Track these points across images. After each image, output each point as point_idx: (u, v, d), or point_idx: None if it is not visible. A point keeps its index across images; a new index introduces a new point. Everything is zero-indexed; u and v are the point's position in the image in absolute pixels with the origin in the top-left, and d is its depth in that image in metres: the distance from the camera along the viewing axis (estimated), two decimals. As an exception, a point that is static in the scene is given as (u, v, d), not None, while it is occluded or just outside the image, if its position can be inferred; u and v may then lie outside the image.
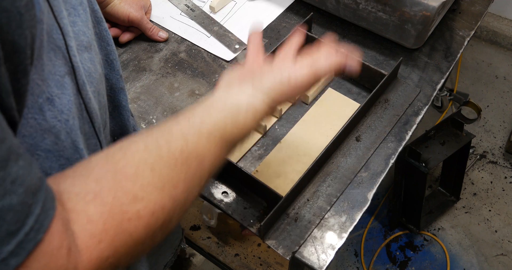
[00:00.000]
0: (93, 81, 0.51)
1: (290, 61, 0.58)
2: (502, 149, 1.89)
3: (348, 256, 1.66)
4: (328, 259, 0.70)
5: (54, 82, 0.43)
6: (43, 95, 0.42)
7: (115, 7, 0.91)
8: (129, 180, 0.40)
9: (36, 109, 0.42)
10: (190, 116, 0.50)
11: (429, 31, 0.92)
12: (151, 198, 0.41)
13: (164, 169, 0.43)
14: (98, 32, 0.57)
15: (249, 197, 0.75)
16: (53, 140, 0.45)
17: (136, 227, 0.39)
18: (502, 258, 1.65)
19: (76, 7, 0.48)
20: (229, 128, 0.51)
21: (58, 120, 0.44)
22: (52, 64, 0.43)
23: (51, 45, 0.43)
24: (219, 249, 1.40)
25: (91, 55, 0.51)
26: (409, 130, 0.84)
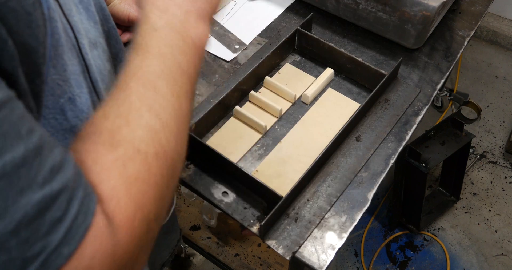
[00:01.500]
0: (104, 78, 0.51)
1: None
2: (502, 149, 1.89)
3: (348, 256, 1.66)
4: (328, 259, 0.70)
5: (75, 82, 0.43)
6: (64, 96, 0.42)
7: (115, 7, 0.90)
8: (95, 134, 0.38)
9: (58, 109, 0.41)
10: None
11: (429, 31, 0.92)
12: (125, 138, 0.37)
13: (115, 108, 0.40)
14: (107, 29, 0.56)
15: (249, 197, 0.75)
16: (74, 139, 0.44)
17: (134, 168, 0.36)
18: (502, 258, 1.65)
19: (77, 5, 0.48)
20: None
21: (79, 119, 0.44)
22: (71, 64, 0.43)
23: (68, 44, 0.43)
24: (219, 249, 1.40)
25: (98, 52, 0.51)
26: (409, 130, 0.84)
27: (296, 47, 0.95)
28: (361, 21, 0.95)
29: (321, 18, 1.01)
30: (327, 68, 0.91)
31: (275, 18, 1.01)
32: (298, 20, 1.01)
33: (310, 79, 0.90)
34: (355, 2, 0.92)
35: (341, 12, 0.96)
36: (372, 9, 0.90)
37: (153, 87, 0.41)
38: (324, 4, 0.97)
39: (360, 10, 0.92)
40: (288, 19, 1.01)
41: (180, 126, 0.41)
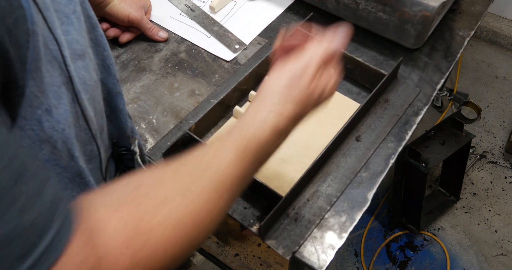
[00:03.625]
0: (88, 88, 0.52)
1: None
2: (502, 149, 1.89)
3: (348, 256, 1.66)
4: (328, 259, 0.70)
5: (52, 93, 0.44)
6: (42, 107, 0.42)
7: (115, 7, 0.90)
8: (150, 192, 0.41)
9: (35, 120, 0.42)
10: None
11: (429, 31, 0.92)
12: (172, 210, 0.41)
13: (184, 182, 0.44)
14: (94, 38, 0.57)
15: (249, 197, 0.75)
16: (50, 150, 0.45)
17: (159, 239, 0.39)
18: (502, 258, 1.65)
19: (69, 15, 0.48)
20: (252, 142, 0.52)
21: (55, 130, 0.45)
22: (50, 76, 0.43)
23: (48, 56, 0.43)
24: (219, 249, 1.40)
25: (85, 63, 0.51)
26: (409, 130, 0.84)
27: (296, 47, 0.95)
28: (361, 21, 0.95)
29: (321, 18, 1.01)
30: (327, 68, 0.91)
31: (275, 18, 1.01)
32: (298, 20, 1.01)
33: (310, 79, 0.90)
34: (355, 2, 0.92)
35: (341, 12, 0.96)
36: (372, 9, 0.90)
37: (224, 187, 0.46)
38: (324, 4, 0.97)
39: (360, 10, 0.92)
40: (288, 19, 1.01)
41: (219, 220, 0.46)
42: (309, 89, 0.57)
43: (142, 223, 0.39)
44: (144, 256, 0.38)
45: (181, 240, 0.41)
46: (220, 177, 0.46)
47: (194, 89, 0.90)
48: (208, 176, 0.46)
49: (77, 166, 0.51)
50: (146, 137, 0.83)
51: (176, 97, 0.89)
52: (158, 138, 0.82)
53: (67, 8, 0.48)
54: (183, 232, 0.41)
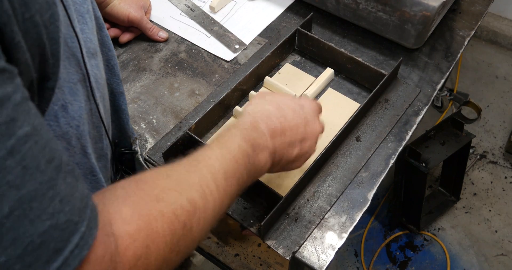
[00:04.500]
0: (99, 86, 0.53)
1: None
2: (502, 149, 1.89)
3: (348, 256, 1.66)
4: (328, 259, 0.70)
5: (68, 89, 0.45)
6: (58, 102, 0.43)
7: (115, 7, 0.90)
8: (148, 185, 0.44)
9: (52, 116, 0.43)
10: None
11: (429, 31, 0.92)
12: (170, 199, 0.43)
13: (179, 175, 0.47)
14: (100, 38, 0.58)
15: (249, 197, 0.75)
16: (65, 146, 0.47)
17: (162, 225, 0.41)
18: (502, 258, 1.65)
19: (84, 15, 0.49)
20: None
21: (70, 126, 0.46)
22: (66, 72, 0.44)
23: (66, 53, 0.44)
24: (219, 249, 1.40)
25: (97, 61, 0.52)
26: (409, 130, 0.84)
27: (296, 47, 0.95)
28: (361, 21, 0.95)
29: (321, 18, 1.01)
30: (327, 68, 0.91)
31: (275, 18, 1.01)
32: (298, 20, 1.01)
33: (310, 79, 0.90)
34: (355, 2, 0.92)
35: (341, 12, 0.96)
36: (372, 9, 0.90)
37: (214, 177, 0.49)
38: (324, 4, 0.97)
39: (360, 10, 0.92)
40: (288, 19, 1.01)
41: (214, 216, 0.48)
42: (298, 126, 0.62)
43: (147, 211, 0.41)
44: (153, 240, 0.40)
45: (181, 225, 0.43)
46: (210, 171, 0.49)
47: (194, 89, 0.90)
48: (199, 170, 0.48)
49: (89, 163, 0.52)
50: (146, 137, 0.83)
51: (176, 97, 0.89)
52: (158, 138, 0.82)
53: (82, 8, 0.49)
54: (183, 217, 0.43)
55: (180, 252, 0.44)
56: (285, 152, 0.60)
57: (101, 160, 0.58)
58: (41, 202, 0.31)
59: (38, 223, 0.31)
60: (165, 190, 0.44)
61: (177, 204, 0.43)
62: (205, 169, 0.49)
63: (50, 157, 0.32)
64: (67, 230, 0.33)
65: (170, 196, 0.43)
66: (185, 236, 0.43)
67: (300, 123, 0.62)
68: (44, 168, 0.32)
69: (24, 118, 0.31)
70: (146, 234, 0.40)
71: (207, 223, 0.47)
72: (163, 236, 0.41)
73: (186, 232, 0.44)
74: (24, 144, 0.30)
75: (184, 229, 0.43)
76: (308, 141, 0.63)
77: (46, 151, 0.32)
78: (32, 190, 0.31)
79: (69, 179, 0.34)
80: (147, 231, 0.40)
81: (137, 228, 0.39)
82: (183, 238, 0.43)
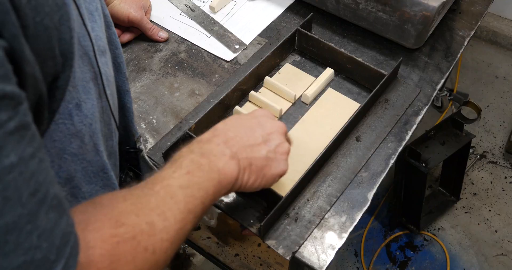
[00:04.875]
0: (109, 84, 0.53)
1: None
2: (502, 149, 1.89)
3: (348, 256, 1.66)
4: (328, 259, 0.70)
5: (82, 88, 0.45)
6: (73, 101, 0.44)
7: (115, 7, 0.91)
8: (107, 208, 0.43)
9: (66, 114, 0.43)
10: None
11: (429, 31, 0.92)
12: (130, 223, 0.42)
13: (136, 198, 0.45)
14: (108, 36, 0.58)
15: (249, 197, 0.75)
16: (78, 144, 0.47)
17: (124, 250, 0.40)
18: (502, 258, 1.65)
19: (93, 13, 0.49)
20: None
21: (83, 124, 0.46)
22: (80, 71, 0.45)
23: (80, 52, 0.44)
24: (219, 249, 1.40)
25: (106, 59, 0.53)
26: (409, 130, 0.84)
27: (296, 47, 0.95)
28: (361, 21, 0.95)
29: (321, 18, 1.01)
30: (327, 68, 0.91)
31: (275, 18, 1.01)
32: (298, 20, 1.01)
33: (310, 79, 0.90)
34: (355, 2, 0.92)
35: (341, 12, 0.96)
36: (372, 9, 0.90)
37: (172, 196, 0.48)
38: (324, 4, 0.97)
39: (360, 10, 0.92)
40: (288, 19, 1.01)
41: (177, 236, 0.47)
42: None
43: (109, 237, 0.40)
44: (117, 268, 0.40)
45: (143, 250, 0.42)
46: (167, 191, 0.48)
47: (194, 89, 0.90)
48: (156, 192, 0.48)
49: (101, 160, 0.52)
50: (146, 137, 0.83)
51: (176, 97, 0.89)
52: (158, 138, 0.82)
53: (91, 6, 0.49)
54: (144, 241, 0.43)
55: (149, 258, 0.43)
56: (251, 155, 0.59)
57: (112, 158, 0.58)
58: (18, 235, 0.30)
59: (12, 258, 0.30)
60: (124, 213, 0.43)
61: (137, 228, 0.42)
62: (162, 190, 0.48)
63: (34, 189, 0.31)
64: (42, 267, 0.31)
65: (129, 220, 0.42)
66: (148, 260, 0.42)
67: (254, 125, 0.62)
68: (25, 201, 0.31)
69: (12, 147, 0.30)
70: (110, 261, 0.39)
71: (171, 243, 0.45)
72: (125, 262, 0.40)
73: (149, 255, 0.43)
74: (7, 174, 0.29)
75: (146, 253, 0.42)
76: (273, 140, 0.62)
77: (30, 183, 0.31)
78: (10, 222, 0.30)
79: (51, 214, 0.33)
80: (110, 258, 0.39)
81: (100, 254, 0.38)
82: (146, 263, 0.42)
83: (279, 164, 0.63)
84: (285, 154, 0.64)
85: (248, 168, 0.58)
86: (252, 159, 0.59)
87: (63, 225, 0.34)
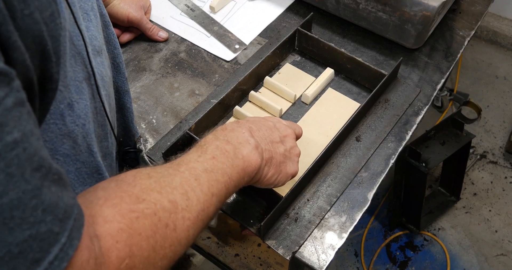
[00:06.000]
0: (105, 84, 0.53)
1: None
2: (502, 149, 1.89)
3: (348, 256, 1.66)
4: (328, 259, 0.70)
5: (74, 88, 0.45)
6: (64, 101, 0.43)
7: (115, 7, 0.91)
8: (129, 185, 0.43)
9: (58, 114, 0.43)
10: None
11: (429, 31, 0.92)
12: (151, 199, 0.42)
13: (160, 177, 0.46)
14: (106, 36, 0.58)
15: (249, 197, 0.75)
16: (71, 144, 0.46)
17: (143, 225, 0.41)
18: (502, 258, 1.65)
19: (88, 12, 0.49)
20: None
21: (76, 124, 0.46)
22: (72, 70, 0.44)
23: (72, 51, 0.44)
24: (219, 249, 1.40)
25: (102, 59, 0.52)
26: (409, 130, 0.84)
27: (296, 47, 0.95)
28: (361, 21, 0.95)
29: (321, 18, 1.01)
30: (327, 68, 0.91)
31: (275, 18, 1.01)
32: (298, 20, 1.01)
33: (310, 79, 0.90)
34: (355, 2, 0.92)
35: (341, 12, 0.96)
36: (372, 9, 0.90)
37: (196, 177, 0.49)
38: (324, 4, 0.97)
39: (360, 10, 0.92)
40: (288, 19, 1.01)
41: (200, 216, 0.47)
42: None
43: (128, 212, 0.40)
44: (136, 241, 0.40)
45: (163, 225, 0.43)
46: (192, 172, 0.49)
47: (194, 89, 0.90)
48: (181, 172, 0.49)
49: (95, 161, 0.52)
50: (146, 137, 0.83)
51: (176, 97, 0.89)
52: (158, 138, 0.82)
53: (86, 5, 0.49)
54: (165, 217, 0.43)
55: (166, 255, 0.43)
56: (271, 148, 0.61)
57: (107, 159, 0.58)
58: (23, 211, 0.30)
59: (18, 232, 0.30)
60: (146, 190, 0.43)
61: (158, 205, 0.43)
62: (187, 172, 0.49)
63: (37, 165, 0.32)
64: (47, 240, 0.32)
65: (151, 197, 0.43)
66: (168, 236, 0.43)
67: (271, 126, 0.65)
68: (29, 177, 0.31)
69: (14, 123, 0.30)
70: (128, 235, 0.39)
71: (193, 222, 0.46)
72: (145, 236, 0.40)
73: (170, 232, 0.43)
74: (11, 151, 0.29)
75: (167, 229, 0.43)
76: (288, 142, 0.65)
77: (34, 159, 0.31)
78: (15, 198, 0.30)
79: (54, 188, 0.33)
80: (129, 232, 0.39)
81: (119, 228, 0.39)
82: (167, 239, 0.43)
83: (294, 164, 0.65)
84: (297, 156, 0.67)
85: (269, 160, 0.61)
86: (273, 153, 0.61)
87: (65, 198, 0.34)
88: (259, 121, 0.64)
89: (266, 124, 0.64)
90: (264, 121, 0.65)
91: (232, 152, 0.55)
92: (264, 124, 0.64)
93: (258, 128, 0.62)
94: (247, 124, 0.61)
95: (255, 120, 0.64)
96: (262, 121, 0.65)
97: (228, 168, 0.53)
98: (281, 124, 0.67)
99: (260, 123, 0.63)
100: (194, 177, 0.49)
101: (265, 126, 0.63)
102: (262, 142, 0.60)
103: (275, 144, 0.62)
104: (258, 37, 0.98)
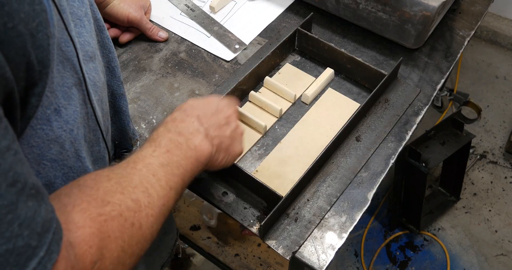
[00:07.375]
0: (97, 90, 0.53)
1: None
2: (502, 149, 1.89)
3: (348, 256, 1.66)
4: (328, 259, 0.70)
5: (62, 93, 0.44)
6: (51, 106, 0.43)
7: (115, 7, 0.90)
8: (92, 189, 0.44)
9: (44, 120, 0.43)
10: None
11: (429, 31, 0.92)
12: (116, 201, 0.44)
13: (119, 177, 0.47)
14: (101, 40, 0.58)
15: (249, 197, 0.75)
16: (58, 149, 0.46)
17: (112, 227, 0.42)
18: (502, 258, 1.65)
19: (81, 18, 0.49)
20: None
21: (63, 130, 0.46)
22: (60, 76, 0.44)
23: (60, 57, 0.44)
24: (219, 249, 1.40)
25: (95, 65, 0.52)
26: (409, 130, 0.84)
27: (296, 47, 0.95)
28: (361, 21, 0.95)
29: (321, 18, 1.01)
30: (327, 68, 0.91)
31: (275, 18, 1.01)
32: (298, 20, 1.01)
33: (310, 79, 0.90)
34: (355, 2, 0.92)
35: (341, 12, 0.96)
36: (372, 9, 0.90)
37: (154, 174, 0.50)
38: (324, 4, 0.97)
39: (360, 10, 0.92)
40: (288, 19, 1.01)
41: (161, 211, 0.49)
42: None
43: (97, 215, 0.41)
44: (107, 244, 0.41)
45: (129, 225, 0.44)
46: (149, 168, 0.50)
47: (194, 89, 0.90)
48: (138, 170, 0.50)
49: (83, 166, 0.52)
50: (146, 137, 0.83)
51: (176, 97, 0.89)
52: (158, 138, 0.82)
53: (79, 11, 0.49)
54: (130, 217, 0.44)
55: (134, 253, 0.44)
56: (220, 133, 0.62)
57: (98, 163, 0.58)
58: (1, 223, 0.30)
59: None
60: (109, 192, 0.44)
61: (123, 206, 0.44)
62: (144, 168, 0.50)
63: (12, 180, 0.32)
64: (24, 254, 0.32)
65: (115, 198, 0.44)
66: (135, 235, 0.44)
67: (214, 109, 0.65)
68: (4, 192, 0.31)
69: None
70: (100, 238, 0.40)
71: (156, 218, 0.48)
72: (114, 238, 0.42)
73: (136, 231, 0.44)
74: None
75: (133, 228, 0.44)
76: (232, 122, 0.66)
77: (8, 174, 0.32)
78: None
79: (30, 203, 0.33)
80: (100, 235, 0.40)
81: (91, 233, 0.40)
82: (134, 238, 0.44)
83: (239, 144, 0.67)
84: (241, 135, 0.68)
85: (219, 146, 0.62)
86: (221, 137, 0.63)
87: (43, 213, 0.34)
88: (203, 106, 0.64)
89: (210, 108, 0.64)
90: (208, 104, 0.65)
91: (185, 144, 0.56)
92: (209, 109, 0.64)
93: (205, 114, 0.63)
94: (195, 112, 0.62)
95: (199, 106, 0.64)
96: (207, 105, 0.65)
97: (183, 160, 0.55)
98: (223, 104, 0.67)
99: (205, 108, 0.64)
100: (151, 173, 0.50)
101: (210, 110, 0.64)
102: (211, 128, 0.61)
103: (222, 128, 0.64)
104: (258, 37, 0.98)
